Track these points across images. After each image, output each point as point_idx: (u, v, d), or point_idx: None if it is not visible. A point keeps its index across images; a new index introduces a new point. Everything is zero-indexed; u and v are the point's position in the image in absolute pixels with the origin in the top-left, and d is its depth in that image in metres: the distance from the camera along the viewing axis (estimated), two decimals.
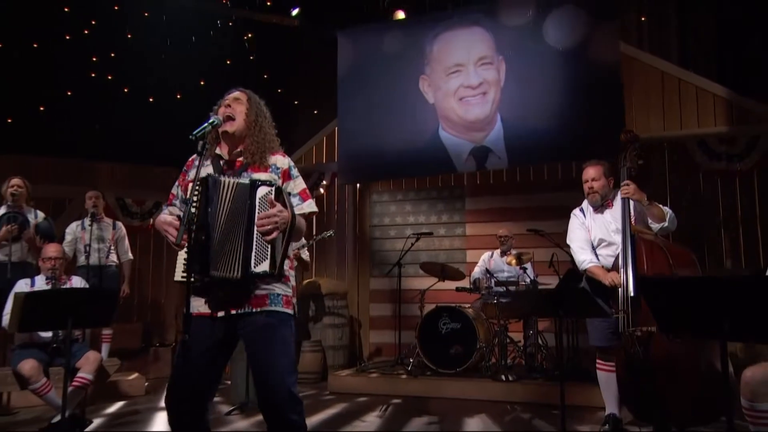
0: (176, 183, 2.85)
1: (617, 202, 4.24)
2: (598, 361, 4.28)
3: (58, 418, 4.37)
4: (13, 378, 4.59)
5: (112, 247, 6.44)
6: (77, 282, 5.03)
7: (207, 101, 2.89)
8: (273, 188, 2.56)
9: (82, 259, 6.24)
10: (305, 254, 6.72)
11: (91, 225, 6.26)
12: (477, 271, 6.64)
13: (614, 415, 4.22)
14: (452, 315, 5.97)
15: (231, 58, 8.70)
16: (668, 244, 4.01)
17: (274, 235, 2.50)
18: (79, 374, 4.54)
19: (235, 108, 2.73)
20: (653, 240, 3.98)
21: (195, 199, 2.47)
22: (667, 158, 7.07)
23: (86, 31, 7.33)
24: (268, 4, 8.80)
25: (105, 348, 6.30)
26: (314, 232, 7.32)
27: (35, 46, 7.14)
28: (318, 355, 6.92)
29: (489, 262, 6.64)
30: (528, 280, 6.18)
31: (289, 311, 2.66)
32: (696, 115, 6.55)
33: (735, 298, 2.24)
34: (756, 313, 2.21)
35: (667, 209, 4.14)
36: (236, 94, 2.80)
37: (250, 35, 8.77)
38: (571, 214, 4.51)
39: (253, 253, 2.50)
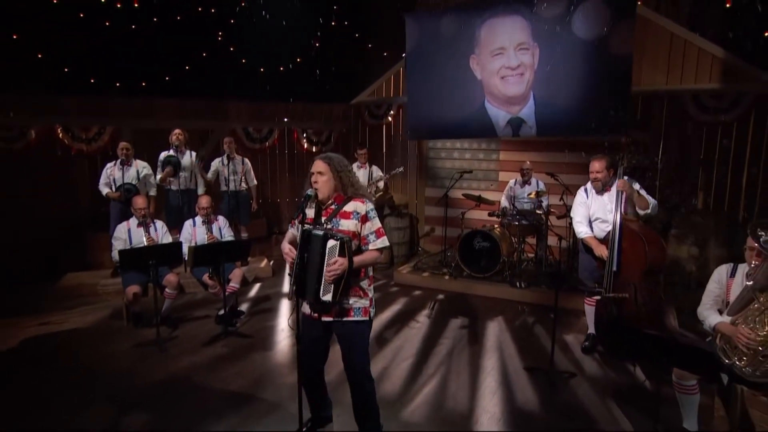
0: (296, 212, 2.81)
1: (614, 189, 4.18)
2: (585, 298, 4.50)
3: (222, 311, 4.99)
4: (197, 283, 5.27)
5: (243, 177, 6.81)
6: (222, 221, 5.41)
7: (304, 56, 2.82)
8: (338, 243, 2.60)
9: (223, 187, 6.67)
10: (381, 184, 6.96)
11: (228, 162, 6.60)
12: (504, 200, 6.67)
13: (593, 334, 4.48)
14: (484, 236, 6.13)
15: (319, 16, 8.24)
16: (645, 231, 3.98)
17: (334, 279, 2.64)
18: (230, 283, 5.05)
19: (319, 180, 2.76)
20: (635, 228, 3.97)
21: (298, 246, 2.69)
22: (665, 108, 6.57)
23: (213, 10, 7.08)
24: None
25: None
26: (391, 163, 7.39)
27: (178, 18, 7.00)
28: (387, 252, 7.35)
29: (513, 189, 6.63)
30: (543, 208, 6.20)
31: (366, 318, 2.81)
32: (695, 73, 5.95)
33: (676, 353, 2.38)
34: (689, 363, 2.37)
35: (651, 200, 4.08)
36: (319, 166, 2.77)
37: None
38: (577, 192, 4.47)
39: (322, 287, 2.69)
